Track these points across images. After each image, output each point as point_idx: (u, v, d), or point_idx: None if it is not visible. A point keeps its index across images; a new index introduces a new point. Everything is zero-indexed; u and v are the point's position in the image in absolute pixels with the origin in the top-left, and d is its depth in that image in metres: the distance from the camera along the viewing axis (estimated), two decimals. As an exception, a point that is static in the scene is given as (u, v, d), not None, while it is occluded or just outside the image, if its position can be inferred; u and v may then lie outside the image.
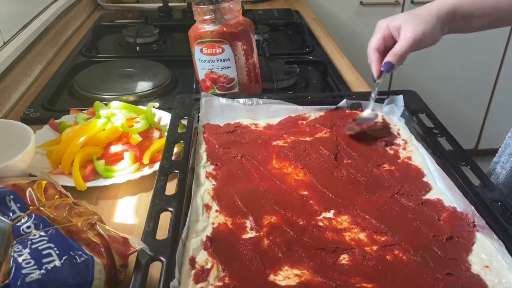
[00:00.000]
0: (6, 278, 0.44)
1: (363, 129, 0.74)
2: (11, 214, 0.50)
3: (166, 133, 0.73)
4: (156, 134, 0.82)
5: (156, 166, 0.74)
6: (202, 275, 0.50)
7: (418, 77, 2.21)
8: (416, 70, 2.21)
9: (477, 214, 0.57)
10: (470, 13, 0.73)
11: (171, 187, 0.59)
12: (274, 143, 0.74)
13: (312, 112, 0.81)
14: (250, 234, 0.56)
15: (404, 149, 0.73)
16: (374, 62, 0.74)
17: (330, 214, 0.59)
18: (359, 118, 0.77)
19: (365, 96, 0.83)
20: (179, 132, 0.73)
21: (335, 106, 0.82)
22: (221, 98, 0.80)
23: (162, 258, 0.49)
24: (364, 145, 0.73)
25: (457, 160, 0.65)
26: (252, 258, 0.52)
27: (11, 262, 0.45)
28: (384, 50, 0.75)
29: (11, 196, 0.52)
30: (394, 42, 0.74)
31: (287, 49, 1.37)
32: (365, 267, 0.52)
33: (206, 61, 0.87)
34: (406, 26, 0.72)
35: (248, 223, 0.58)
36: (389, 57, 0.73)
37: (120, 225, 0.66)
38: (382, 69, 0.73)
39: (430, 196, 0.63)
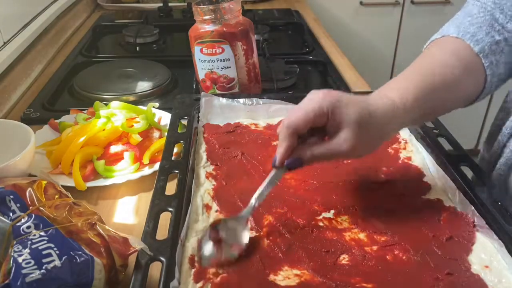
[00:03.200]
0: (6, 278, 0.44)
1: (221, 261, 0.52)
2: (11, 214, 0.50)
3: (166, 133, 0.73)
4: (156, 134, 0.82)
5: (156, 166, 0.74)
6: (202, 274, 0.50)
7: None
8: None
9: (477, 214, 0.57)
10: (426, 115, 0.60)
11: (171, 187, 0.59)
12: (274, 143, 0.74)
13: (312, 112, 0.81)
14: (250, 234, 0.56)
15: (404, 149, 0.73)
16: (284, 146, 0.54)
17: (330, 214, 0.59)
18: (225, 227, 0.54)
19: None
20: (179, 132, 0.73)
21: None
22: (221, 98, 0.80)
23: (162, 258, 0.49)
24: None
25: (457, 160, 0.65)
26: (252, 258, 0.52)
27: (11, 262, 0.45)
28: (304, 134, 0.55)
29: (11, 196, 0.52)
30: (322, 125, 0.54)
31: (287, 49, 1.37)
32: (365, 267, 0.52)
33: (206, 61, 0.87)
34: (349, 131, 0.52)
35: (248, 223, 0.58)
36: (305, 155, 0.54)
37: (120, 225, 0.66)
38: (286, 163, 0.55)
39: (430, 196, 0.63)
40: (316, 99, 0.53)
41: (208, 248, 0.52)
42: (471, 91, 0.63)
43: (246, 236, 0.54)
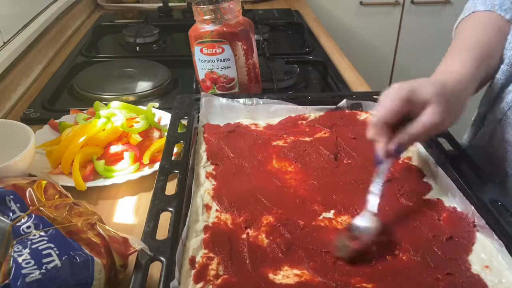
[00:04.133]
0: (6, 278, 0.44)
1: (358, 250, 0.53)
2: (11, 214, 0.50)
3: (166, 133, 0.73)
4: (156, 134, 0.82)
5: (156, 166, 0.74)
6: (202, 275, 0.50)
7: (418, 77, 2.20)
8: (416, 70, 2.21)
9: (477, 214, 0.57)
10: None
11: (171, 187, 0.59)
12: (274, 143, 0.74)
13: (312, 112, 0.81)
14: (250, 233, 0.56)
15: (404, 149, 0.72)
16: (382, 139, 0.58)
17: (330, 214, 0.59)
18: (354, 227, 0.56)
19: (365, 96, 0.83)
20: (179, 132, 0.73)
21: (335, 106, 0.82)
22: (221, 98, 0.80)
23: (162, 258, 0.49)
24: (364, 145, 0.73)
25: (457, 160, 0.65)
26: (252, 258, 0.52)
27: (11, 262, 0.45)
28: (396, 124, 0.59)
29: (11, 196, 0.52)
30: (408, 113, 0.58)
31: (287, 49, 1.37)
32: (365, 267, 0.52)
33: (206, 61, 0.87)
34: (436, 106, 0.56)
35: (248, 223, 0.58)
36: (404, 139, 0.57)
37: (120, 225, 0.66)
38: (392, 152, 0.58)
39: (430, 196, 0.63)
40: (392, 93, 0.58)
41: (343, 243, 0.54)
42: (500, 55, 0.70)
43: (375, 224, 0.56)
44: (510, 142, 0.66)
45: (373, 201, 0.57)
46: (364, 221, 0.56)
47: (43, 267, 0.45)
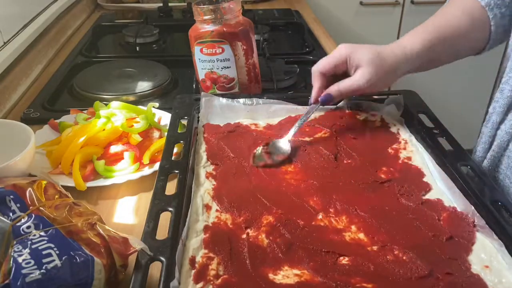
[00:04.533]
0: (6, 278, 0.44)
1: (269, 164, 0.68)
2: (11, 214, 0.50)
3: (166, 133, 0.73)
4: (156, 134, 0.82)
5: (156, 166, 0.74)
6: (202, 275, 0.50)
7: (418, 77, 2.20)
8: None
9: (477, 214, 0.57)
10: (436, 58, 0.73)
11: (171, 187, 0.59)
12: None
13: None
14: (250, 233, 0.56)
15: (404, 149, 0.72)
16: (316, 86, 0.71)
17: (330, 214, 0.59)
18: (272, 145, 0.70)
19: (365, 96, 0.83)
20: (179, 132, 0.73)
21: (335, 106, 0.82)
22: (221, 98, 0.80)
23: (162, 258, 0.49)
24: (364, 145, 0.73)
25: (457, 160, 0.65)
26: (252, 258, 0.52)
27: (11, 262, 0.45)
28: (330, 76, 0.71)
29: (11, 196, 0.52)
30: (343, 71, 0.70)
31: (287, 49, 1.37)
32: (365, 267, 0.52)
33: (206, 61, 0.87)
34: (365, 69, 0.67)
35: (248, 223, 0.58)
36: (333, 90, 0.69)
37: (120, 225, 0.66)
38: (320, 99, 0.71)
39: (430, 196, 0.63)
40: (336, 50, 0.69)
41: (260, 153, 0.69)
42: (477, 40, 0.73)
43: (288, 149, 0.69)
44: None
45: (292, 131, 0.72)
46: (281, 143, 0.70)
47: (43, 267, 0.45)
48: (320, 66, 0.70)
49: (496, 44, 0.74)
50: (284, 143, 0.70)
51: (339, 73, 0.70)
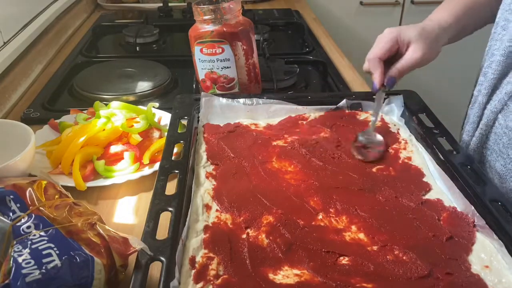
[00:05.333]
0: (6, 278, 0.44)
1: (370, 157, 0.70)
2: (11, 214, 0.50)
3: (166, 133, 0.73)
4: (156, 134, 0.82)
5: (156, 166, 0.74)
6: (202, 275, 0.50)
7: (418, 77, 2.20)
8: (416, 70, 2.20)
9: (477, 214, 0.57)
10: (462, 27, 0.79)
11: (171, 187, 0.59)
12: (274, 143, 0.74)
13: (312, 112, 0.81)
14: (250, 233, 0.56)
15: (404, 149, 0.73)
16: (378, 72, 0.73)
17: (330, 214, 0.59)
18: (361, 139, 0.73)
19: (365, 96, 0.83)
20: (179, 132, 0.73)
21: (335, 106, 0.82)
22: (221, 98, 0.80)
23: (162, 258, 0.49)
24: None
25: (457, 160, 0.65)
26: (252, 258, 0.52)
27: (11, 262, 0.45)
28: (386, 61, 0.74)
29: (11, 196, 0.52)
30: (396, 54, 0.74)
31: (287, 49, 1.37)
32: (365, 267, 0.52)
33: (206, 61, 0.87)
34: (416, 44, 0.72)
35: (248, 223, 0.58)
36: (394, 73, 0.73)
37: (120, 225, 0.66)
38: (385, 83, 0.73)
39: (430, 196, 0.63)
40: (384, 35, 0.75)
41: (361, 151, 0.71)
42: (492, 11, 0.78)
43: (379, 138, 0.73)
44: None
45: (373, 122, 0.75)
46: (369, 135, 0.73)
47: (43, 267, 0.45)
48: (377, 53, 0.74)
49: None
50: (373, 135, 0.73)
51: (393, 54, 0.75)
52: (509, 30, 0.68)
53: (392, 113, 0.81)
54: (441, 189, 0.64)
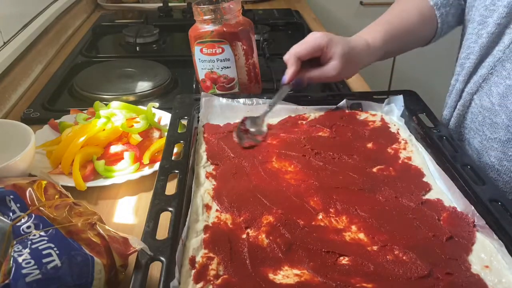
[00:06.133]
0: (6, 278, 0.44)
1: (244, 144, 0.72)
2: (11, 214, 0.50)
3: (166, 133, 0.73)
4: (156, 134, 0.82)
5: (156, 166, 0.74)
6: (202, 275, 0.50)
7: (418, 77, 2.20)
8: (416, 70, 2.21)
9: (477, 214, 0.57)
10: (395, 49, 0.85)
11: (171, 187, 0.59)
12: (274, 143, 0.74)
13: (312, 112, 0.81)
14: (251, 233, 0.56)
15: (404, 149, 0.73)
16: (292, 70, 0.76)
17: (330, 214, 0.59)
18: (247, 123, 0.75)
19: (365, 96, 0.83)
20: (179, 132, 0.73)
21: (335, 106, 0.82)
22: (221, 98, 0.80)
23: (162, 258, 0.49)
24: (364, 145, 0.73)
25: (457, 160, 0.65)
26: (252, 258, 0.52)
27: (11, 262, 0.45)
28: (303, 62, 0.77)
29: (11, 196, 0.52)
30: (316, 57, 0.77)
31: (287, 49, 1.36)
32: (365, 267, 0.52)
33: (206, 61, 0.87)
34: (337, 62, 0.75)
35: (248, 223, 0.58)
36: (305, 77, 0.77)
37: (120, 225, 0.66)
38: (292, 83, 0.76)
39: (430, 196, 0.63)
40: (315, 38, 0.77)
41: (241, 135, 0.73)
42: (426, 35, 0.86)
43: (264, 129, 0.75)
44: (487, 108, 0.75)
45: (265, 112, 0.75)
46: (257, 123, 0.75)
47: (43, 267, 0.45)
48: (298, 52, 0.76)
49: (439, 37, 0.87)
50: (259, 124, 0.75)
51: (312, 58, 0.77)
52: (486, 25, 0.72)
53: (392, 113, 0.81)
54: (441, 189, 0.64)
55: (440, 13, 0.83)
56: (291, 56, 0.76)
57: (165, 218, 0.54)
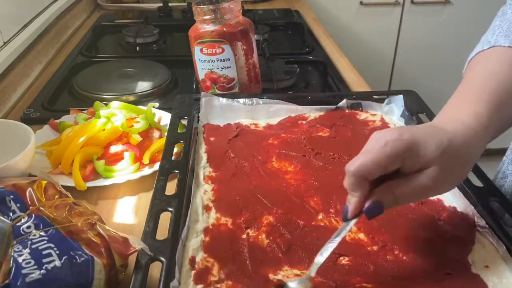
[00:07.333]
0: (6, 278, 0.44)
1: None
2: (11, 214, 0.50)
3: (166, 133, 0.73)
4: (156, 134, 0.82)
5: (156, 166, 0.74)
6: (202, 275, 0.50)
7: (418, 77, 2.21)
8: (416, 70, 2.21)
9: (477, 214, 0.57)
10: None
11: (171, 187, 0.59)
12: (274, 143, 0.74)
13: (312, 112, 0.81)
14: (251, 234, 0.56)
15: (404, 149, 0.72)
16: (357, 196, 0.47)
17: (330, 215, 0.59)
18: None
19: (365, 96, 0.83)
20: (179, 132, 0.73)
21: (335, 106, 0.82)
22: (221, 98, 0.80)
23: (162, 258, 0.49)
24: (364, 145, 0.73)
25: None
26: (252, 258, 0.52)
27: (11, 262, 0.45)
28: (377, 179, 0.47)
29: (11, 196, 0.52)
30: (394, 168, 0.46)
31: (287, 49, 1.37)
32: (365, 267, 0.52)
33: (206, 61, 0.87)
34: (438, 168, 0.45)
35: (248, 223, 0.58)
36: (385, 199, 0.46)
37: (120, 225, 0.66)
38: (364, 210, 0.47)
39: (430, 196, 0.63)
40: (387, 142, 0.45)
41: None
42: None
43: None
44: None
45: (316, 265, 0.48)
46: (298, 284, 0.48)
47: (43, 267, 0.45)
48: (364, 169, 0.45)
49: None
50: (302, 285, 0.48)
51: (389, 172, 0.47)
52: None
53: (392, 113, 0.81)
54: (441, 189, 0.64)
55: None
56: (352, 176, 0.46)
57: (165, 218, 0.54)
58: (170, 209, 0.56)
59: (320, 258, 0.48)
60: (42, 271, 0.45)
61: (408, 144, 0.45)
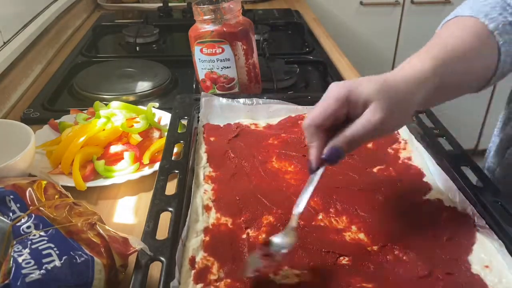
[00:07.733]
0: (6, 278, 0.44)
1: (268, 271, 0.51)
2: (11, 214, 0.50)
3: (166, 133, 0.73)
4: (156, 134, 0.82)
5: (156, 166, 0.74)
6: (202, 275, 0.50)
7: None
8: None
9: (477, 214, 0.57)
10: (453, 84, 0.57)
11: (171, 187, 0.59)
12: (274, 143, 0.74)
13: (312, 112, 0.81)
14: (251, 234, 0.56)
15: (404, 149, 0.73)
16: (315, 145, 0.51)
17: (330, 214, 0.59)
18: (272, 244, 0.51)
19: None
20: (179, 132, 0.73)
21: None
22: (221, 98, 0.80)
23: (162, 258, 0.49)
24: (364, 145, 0.73)
25: (457, 160, 0.65)
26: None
27: (11, 262, 0.45)
28: (330, 128, 0.51)
29: (11, 196, 0.52)
30: (345, 117, 0.51)
31: (287, 49, 1.37)
32: (365, 267, 0.52)
33: (206, 61, 0.87)
34: (376, 103, 0.49)
35: (248, 223, 0.58)
36: (339, 142, 0.50)
37: (120, 225, 0.66)
38: (323, 157, 0.50)
39: (430, 196, 0.63)
40: (332, 91, 0.52)
41: (255, 259, 0.50)
42: (485, 68, 0.60)
43: (293, 240, 0.51)
44: None
45: (295, 215, 0.52)
46: (282, 237, 0.51)
47: (43, 267, 0.45)
48: (315, 118, 0.51)
49: (502, 76, 0.61)
50: (286, 236, 0.52)
51: (340, 121, 0.52)
52: None
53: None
54: (441, 189, 0.64)
55: (503, 39, 0.58)
56: (307, 129, 0.51)
57: (165, 218, 0.54)
58: (170, 209, 0.56)
59: (298, 209, 0.52)
60: (42, 271, 0.45)
61: (347, 88, 0.51)
